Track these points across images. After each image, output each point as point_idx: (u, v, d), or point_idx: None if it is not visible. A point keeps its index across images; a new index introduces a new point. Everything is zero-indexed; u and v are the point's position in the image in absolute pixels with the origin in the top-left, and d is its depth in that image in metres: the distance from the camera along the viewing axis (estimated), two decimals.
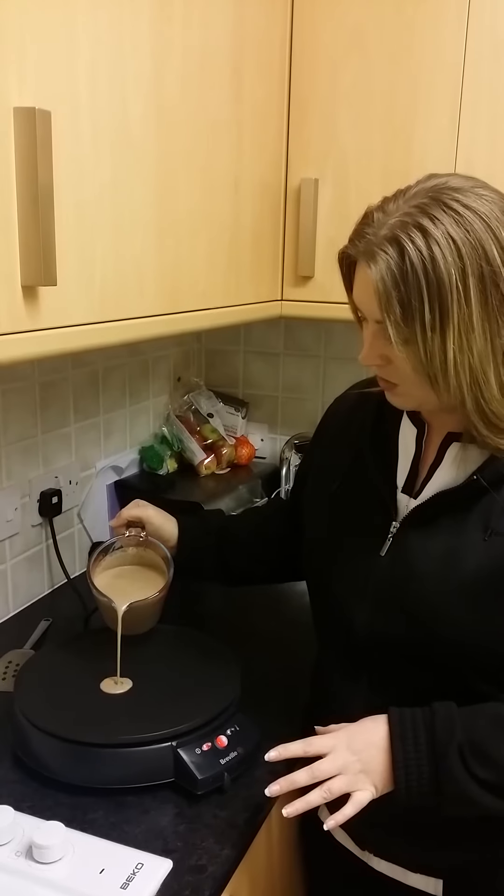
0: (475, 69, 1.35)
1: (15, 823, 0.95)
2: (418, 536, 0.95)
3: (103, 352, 1.72)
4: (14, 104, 0.82)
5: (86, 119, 0.94)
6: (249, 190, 1.37)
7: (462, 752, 0.87)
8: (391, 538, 0.98)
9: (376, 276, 0.82)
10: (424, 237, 0.80)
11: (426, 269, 0.80)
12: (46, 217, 0.85)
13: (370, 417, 1.06)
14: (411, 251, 0.80)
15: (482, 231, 0.80)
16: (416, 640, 0.94)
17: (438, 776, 0.87)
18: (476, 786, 0.87)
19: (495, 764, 0.87)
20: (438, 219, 0.80)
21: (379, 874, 1.07)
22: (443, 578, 0.92)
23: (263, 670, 1.33)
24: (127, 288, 1.06)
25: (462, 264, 0.80)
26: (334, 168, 1.47)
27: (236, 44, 1.26)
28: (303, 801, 0.90)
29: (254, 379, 2.13)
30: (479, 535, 0.91)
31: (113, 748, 1.04)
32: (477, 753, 0.87)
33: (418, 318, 0.81)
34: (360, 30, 1.40)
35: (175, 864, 0.93)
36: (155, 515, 1.24)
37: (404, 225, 0.81)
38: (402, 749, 0.88)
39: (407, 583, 0.94)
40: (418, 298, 0.81)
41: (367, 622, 0.98)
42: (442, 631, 0.92)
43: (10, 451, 1.50)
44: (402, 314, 0.82)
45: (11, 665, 1.35)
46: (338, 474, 1.07)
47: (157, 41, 1.05)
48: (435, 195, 0.82)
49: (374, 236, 0.83)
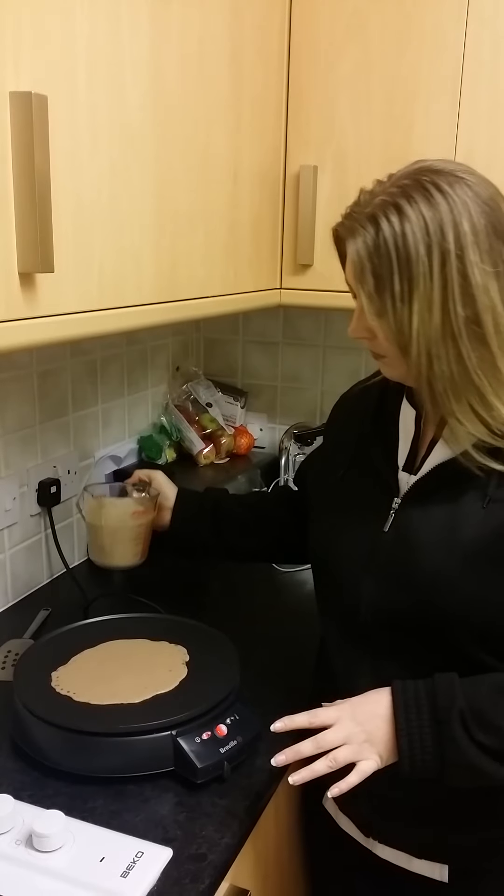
0: (475, 56, 1.34)
1: (15, 812, 0.95)
2: (419, 510, 0.98)
3: (101, 341, 1.72)
4: (10, 88, 0.81)
5: (83, 105, 0.93)
6: (248, 177, 1.36)
7: (463, 718, 0.88)
8: (393, 514, 1.00)
9: (352, 251, 0.89)
10: (399, 215, 0.86)
11: (397, 244, 0.85)
12: (43, 203, 0.84)
13: (373, 404, 1.10)
14: (385, 228, 0.86)
15: (447, 213, 0.85)
16: (420, 613, 0.95)
17: (441, 742, 0.88)
18: (478, 751, 0.88)
19: (497, 729, 0.88)
20: (414, 198, 0.86)
21: (383, 861, 1.08)
22: (443, 548, 0.94)
23: (263, 660, 1.33)
24: (125, 275, 1.05)
25: (429, 241, 0.85)
26: (333, 155, 1.46)
27: (235, 30, 1.25)
28: (308, 770, 0.92)
29: (253, 368, 2.13)
30: (478, 504, 0.93)
31: (113, 737, 1.03)
32: (478, 719, 0.88)
33: (388, 290, 0.87)
34: (360, 16, 1.39)
35: (175, 852, 0.93)
36: (161, 478, 1.36)
37: (384, 204, 0.87)
38: (404, 717, 0.90)
39: (409, 555, 0.97)
40: (388, 271, 0.86)
41: (373, 599, 1.00)
42: (444, 601, 0.93)
43: (8, 441, 1.49)
44: (375, 286, 0.88)
45: (11, 654, 1.35)
46: (344, 461, 1.10)
47: (155, 27, 1.04)
48: (416, 176, 0.88)
49: (358, 215, 0.89)
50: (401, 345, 0.89)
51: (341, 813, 1.14)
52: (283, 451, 1.98)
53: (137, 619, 1.35)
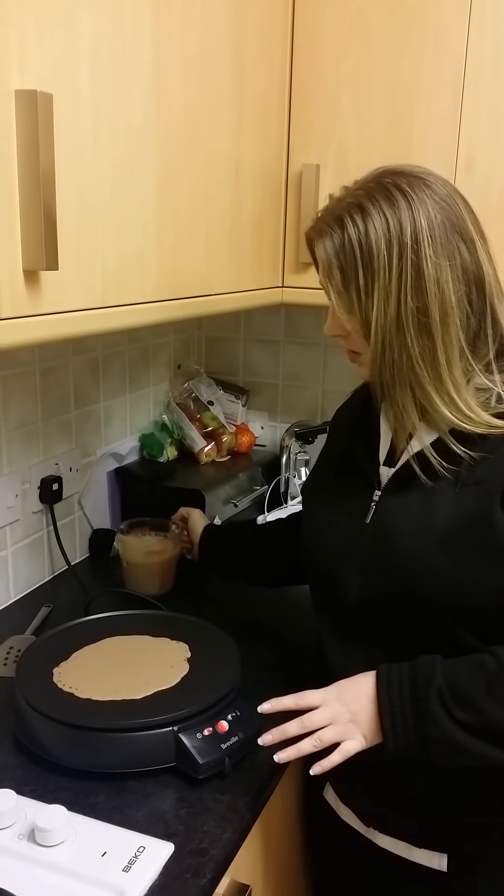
0: (477, 55, 1.35)
1: (17, 807, 0.96)
2: (397, 499, 1.02)
3: (103, 338, 1.72)
4: (15, 87, 0.81)
5: (87, 103, 0.93)
6: (250, 176, 1.36)
7: (441, 695, 0.90)
8: (374, 506, 1.04)
9: (321, 251, 0.95)
10: (362, 215, 0.92)
11: (360, 241, 0.91)
12: (48, 201, 0.85)
13: (359, 406, 1.15)
14: (350, 228, 0.92)
15: (406, 210, 0.91)
16: (402, 599, 0.98)
17: (421, 719, 0.91)
18: (457, 728, 0.89)
19: (475, 706, 0.89)
20: (377, 198, 0.92)
21: (384, 851, 1.09)
22: (418, 534, 0.97)
23: (264, 656, 1.34)
24: (128, 273, 1.06)
25: (389, 236, 0.91)
26: (336, 154, 1.46)
27: (237, 29, 1.25)
28: (294, 749, 0.95)
29: (254, 366, 2.13)
30: (450, 490, 0.96)
31: (114, 733, 1.04)
32: (456, 697, 0.90)
33: (353, 284, 0.92)
34: (362, 15, 1.40)
35: (176, 847, 0.94)
36: (197, 516, 1.52)
37: (349, 206, 0.93)
38: (387, 696, 0.93)
39: (387, 543, 1.00)
40: (353, 266, 0.92)
41: (359, 588, 1.03)
42: (422, 586, 0.96)
43: (10, 438, 1.50)
44: (342, 281, 0.93)
45: (13, 651, 1.35)
46: (333, 462, 1.15)
47: (158, 26, 1.04)
48: (379, 179, 0.94)
49: (326, 217, 0.95)
50: (366, 336, 0.95)
51: (342, 804, 1.15)
52: (284, 449, 1.99)
53: (138, 615, 1.35)
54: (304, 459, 1.96)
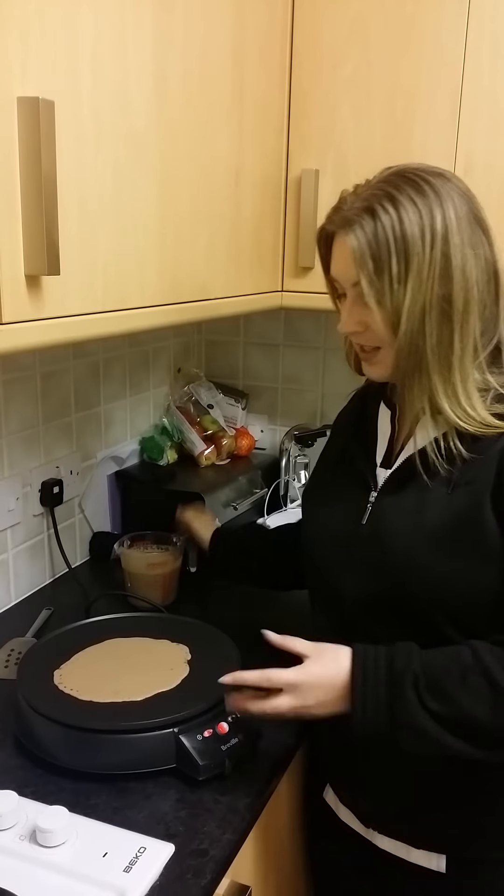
0: (475, 61, 1.35)
1: (18, 808, 0.96)
2: (392, 500, 1.03)
3: (104, 342, 1.73)
4: (18, 94, 0.82)
5: (88, 110, 0.94)
6: (250, 181, 1.37)
7: (417, 682, 0.90)
8: (370, 507, 1.05)
9: (351, 241, 0.94)
10: (393, 204, 0.93)
11: (394, 228, 0.92)
12: (50, 207, 0.86)
13: (355, 411, 1.17)
14: (382, 215, 0.93)
15: (434, 199, 0.93)
16: (395, 597, 0.99)
17: (393, 703, 0.91)
18: (428, 716, 0.90)
19: (448, 697, 0.90)
20: (403, 188, 0.94)
21: (383, 852, 1.10)
22: (410, 533, 0.98)
23: (263, 658, 1.33)
24: (129, 278, 1.07)
25: (422, 224, 0.92)
26: (334, 159, 1.47)
27: (237, 35, 1.26)
28: (243, 714, 0.98)
29: (254, 370, 2.14)
30: (443, 491, 0.97)
31: (115, 734, 1.05)
32: (430, 686, 0.90)
33: (387, 271, 0.93)
34: (361, 21, 1.40)
35: (177, 848, 0.94)
36: (198, 523, 1.50)
37: (377, 196, 0.94)
38: (361, 674, 0.93)
39: (381, 543, 1.01)
40: (387, 254, 0.92)
41: (353, 588, 1.04)
42: (414, 584, 0.97)
43: (11, 441, 1.50)
44: (375, 269, 0.93)
45: (14, 653, 1.36)
46: (330, 466, 1.17)
47: (158, 33, 1.05)
48: (400, 174, 0.96)
49: (350, 209, 0.96)
50: (393, 325, 0.95)
51: (341, 805, 1.16)
52: (284, 452, 1.99)
53: (139, 618, 1.36)
54: (304, 463, 1.97)
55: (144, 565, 1.54)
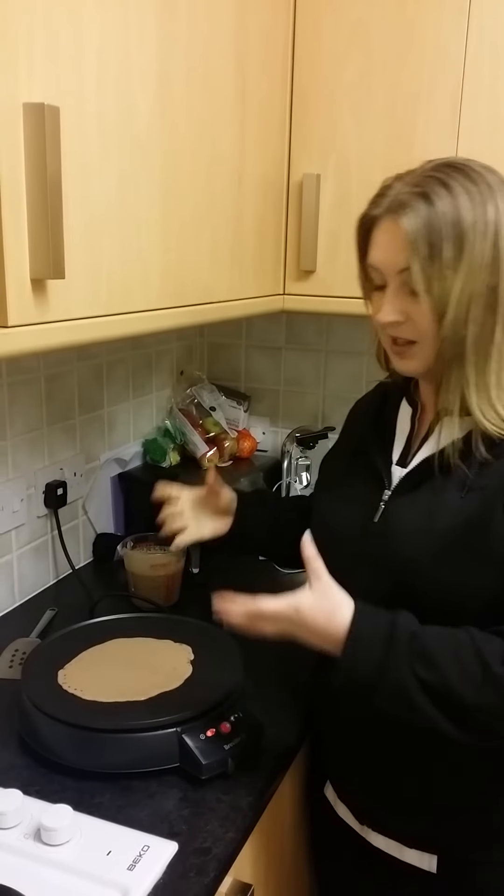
0: (476, 64, 1.36)
1: (23, 807, 0.97)
2: (405, 500, 1.02)
3: (107, 345, 1.74)
4: (23, 100, 0.83)
5: (93, 115, 0.95)
6: (252, 185, 1.38)
7: (412, 645, 0.91)
8: (383, 505, 1.05)
9: (406, 223, 0.93)
10: (447, 190, 0.92)
11: (447, 212, 0.91)
12: (55, 211, 0.87)
13: (375, 404, 1.16)
14: (437, 201, 0.92)
15: (486, 189, 0.93)
16: (402, 598, 0.98)
17: (386, 657, 0.90)
18: (415, 681, 0.89)
19: (438, 666, 0.89)
20: (455, 176, 0.93)
21: (377, 850, 1.10)
22: (420, 536, 0.98)
23: (266, 658, 1.34)
24: (132, 281, 1.08)
25: (475, 212, 0.92)
26: (336, 163, 1.48)
27: (239, 39, 1.27)
28: (226, 621, 0.99)
29: (255, 373, 2.14)
30: (457, 494, 0.97)
31: (119, 734, 1.05)
32: (424, 654, 0.90)
33: (439, 259, 0.91)
34: (363, 26, 1.41)
35: (180, 846, 0.95)
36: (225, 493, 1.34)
37: (429, 182, 0.93)
38: (361, 620, 0.93)
39: (391, 543, 1.01)
40: (439, 240, 0.91)
41: (365, 588, 1.01)
42: (425, 588, 0.97)
43: (16, 443, 1.51)
44: (429, 253, 0.92)
45: (18, 653, 1.37)
46: (345, 458, 1.17)
47: (162, 38, 1.06)
48: (448, 163, 0.96)
49: (400, 193, 0.95)
50: (439, 314, 0.93)
51: (339, 801, 1.16)
52: (286, 454, 2.00)
53: (142, 618, 1.37)
54: (305, 464, 1.97)
55: (147, 566, 1.55)
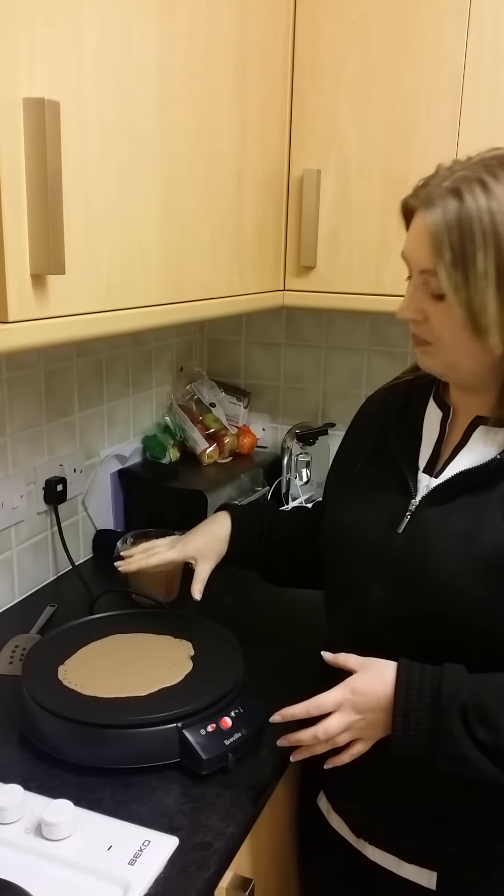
0: (476, 62, 1.36)
1: (24, 802, 0.97)
2: (437, 515, 0.96)
3: (107, 341, 1.74)
4: (24, 95, 0.83)
5: (93, 111, 0.95)
6: (252, 181, 1.38)
7: (465, 711, 0.86)
8: (409, 515, 0.98)
9: (431, 221, 0.86)
10: (484, 190, 0.84)
11: (482, 218, 0.83)
12: (55, 206, 0.87)
13: (398, 402, 1.08)
14: (470, 201, 0.84)
15: None
16: (429, 620, 0.94)
17: (437, 729, 0.87)
18: (473, 746, 0.86)
19: (495, 727, 0.86)
20: (499, 177, 0.84)
21: (373, 864, 1.07)
22: (459, 557, 0.92)
23: (266, 654, 1.35)
24: (132, 277, 1.08)
25: None
26: (336, 159, 1.48)
27: (240, 36, 1.27)
28: (308, 750, 0.96)
29: (255, 369, 2.15)
30: (498, 516, 0.91)
31: (119, 729, 1.06)
32: (480, 715, 0.86)
33: (471, 266, 0.84)
34: (363, 22, 1.41)
35: (181, 841, 0.95)
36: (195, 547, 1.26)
37: (467, 178, 0.85)
38: (405, 696, 0.88)
39: (423, 560, 0.94)
40: (472, 246, 0.84)
41: (381, 600, 0.98)
42: (456, 610, 0.92)
43: (15, 440, 1.51)
44: (453, 259, 0.85)
45: (18, 649, 1.37)
46: (362, 456, 1.09)
47: (162, 34, 1.06)
48: (501, 158, 0.87)
49: (436, 187, 0.87)
50: (479, 327, 0.87)
51: (333, 812, 1.13)
52: (286, 450, 2.00)
53: (142, 614, 1.37)
54: (305, 461, 1.98)
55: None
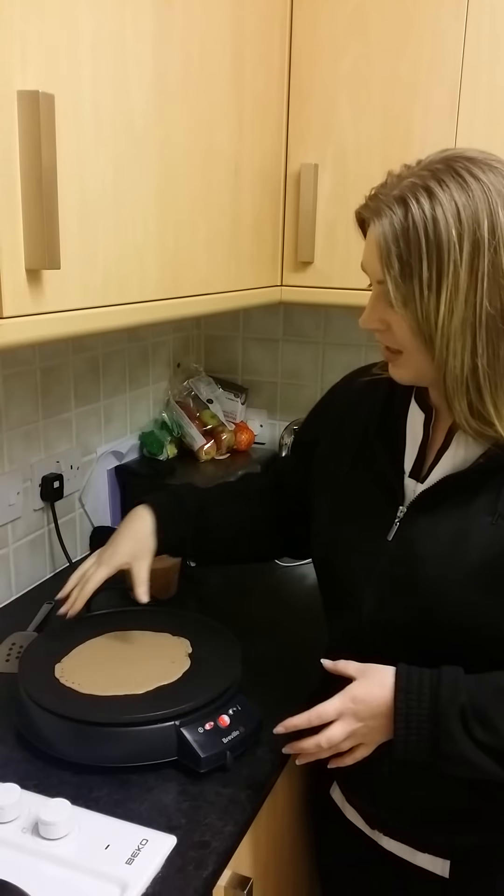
0: (474, 54, 1.36)
1: (21, 801, 0.97)
2: (425, 520, 0.95)
3: (103, 337, 1.73)
4: (18, 87, 0.82)
5: (88, 103, 0.94)
6: (249, 175, 1.37)
7: (464, 714, 0.87)
8: (398, 522, 0.98)
9: (378, 232, 0.86)
10: (430, 199, 0.83)
11: (426, 228, 0.82)
12: (50, 201, 0.86)
13: (379, 403, 1.06)
14: (415, 210, 0.83)
15: (481, 201, 0.83)
16: (422, 625, 0.94)
17: (437, 734, 0.88)
18: (474, 747, 0.87)
19: (495, 729, 0.87)
20: (446, 183, 0.83)
21: (387, 853, 1.09)
22: (450, 562, 0.92)
23: (264, 652, 1.35)
24: (128, 272, 1.07)
25: (461, 228, 0.82)
26: (334, 154, 1.47)
27: (236, 30, 1.26)
28: (312, 756, 0.96)
29: (253, 365, 2.14)
30: (486, 519, 0.91)
31: (117, 727, 1.05)
32: (479, 716, 0.87)
33: (416, 276, 0.83)
34: (360, 15, 1.41)
35: (179, 840, 0.95)
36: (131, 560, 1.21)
37: (414, 186, 0.84)
38: (404, 702, 0.89)
39: (414, 567, 0.94)
40: (417, 256, 0.83)
41: (374, 607, 0.98)
42: (448, 615, 0.92)
43: (11, 436, 1.50)
44: (401, 271, 0.84)
45: (15, 647, 1.36)
46: (346, 459, 1.07)
47: (158, 26, 1.05)
48: (448, 162, 0.86)
49: (385, 196, 0.86)
50: (424, 336, 0.86)
51: (348, 804, 1.14)
52: (283, 446, 2.00)
53: (139, 612, 1.36)
54: None
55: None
